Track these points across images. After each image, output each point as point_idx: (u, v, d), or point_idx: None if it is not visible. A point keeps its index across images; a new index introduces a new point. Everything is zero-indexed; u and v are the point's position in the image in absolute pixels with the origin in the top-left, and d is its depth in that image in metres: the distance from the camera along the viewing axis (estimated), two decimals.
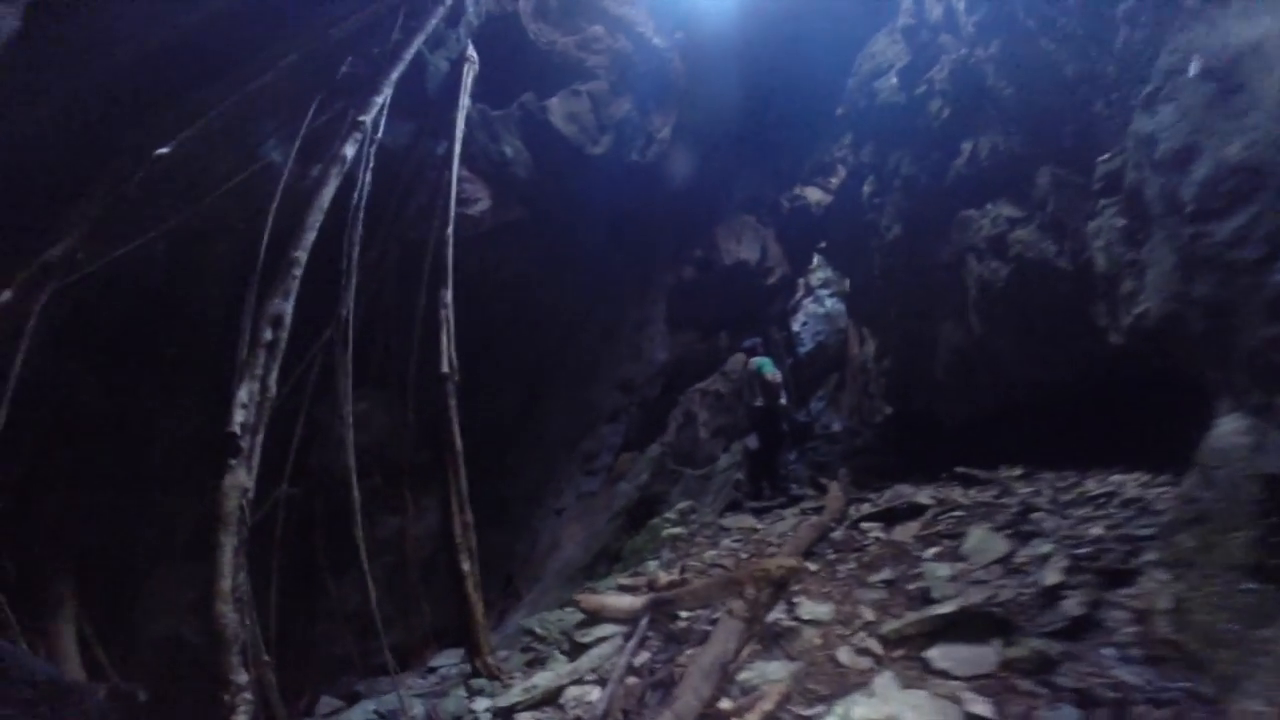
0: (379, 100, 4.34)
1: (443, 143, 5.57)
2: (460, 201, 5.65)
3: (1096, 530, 4.00)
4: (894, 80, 7.21)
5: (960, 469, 6.44)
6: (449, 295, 4.67)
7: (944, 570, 4.08)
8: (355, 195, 4.21)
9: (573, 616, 4.84)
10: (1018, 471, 6.08)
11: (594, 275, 7.81)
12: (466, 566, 4.24)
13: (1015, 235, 5.70)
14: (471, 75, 5.67)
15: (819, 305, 17.26)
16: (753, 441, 9.43)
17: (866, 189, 8.45)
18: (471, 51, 5.76)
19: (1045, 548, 3.93)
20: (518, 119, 6.41)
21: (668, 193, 8.66)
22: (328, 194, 3.93)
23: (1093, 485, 5.10)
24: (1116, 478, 5.03)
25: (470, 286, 6.18)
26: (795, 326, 16.73)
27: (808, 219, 13.53)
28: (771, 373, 8.47)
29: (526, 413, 7.59)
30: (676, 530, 6.77)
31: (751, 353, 8.96)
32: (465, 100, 5.47)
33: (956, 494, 5.90)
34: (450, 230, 4.87)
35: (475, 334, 6.42)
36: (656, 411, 11.54)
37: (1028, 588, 3.52)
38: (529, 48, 7.02)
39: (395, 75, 4.54)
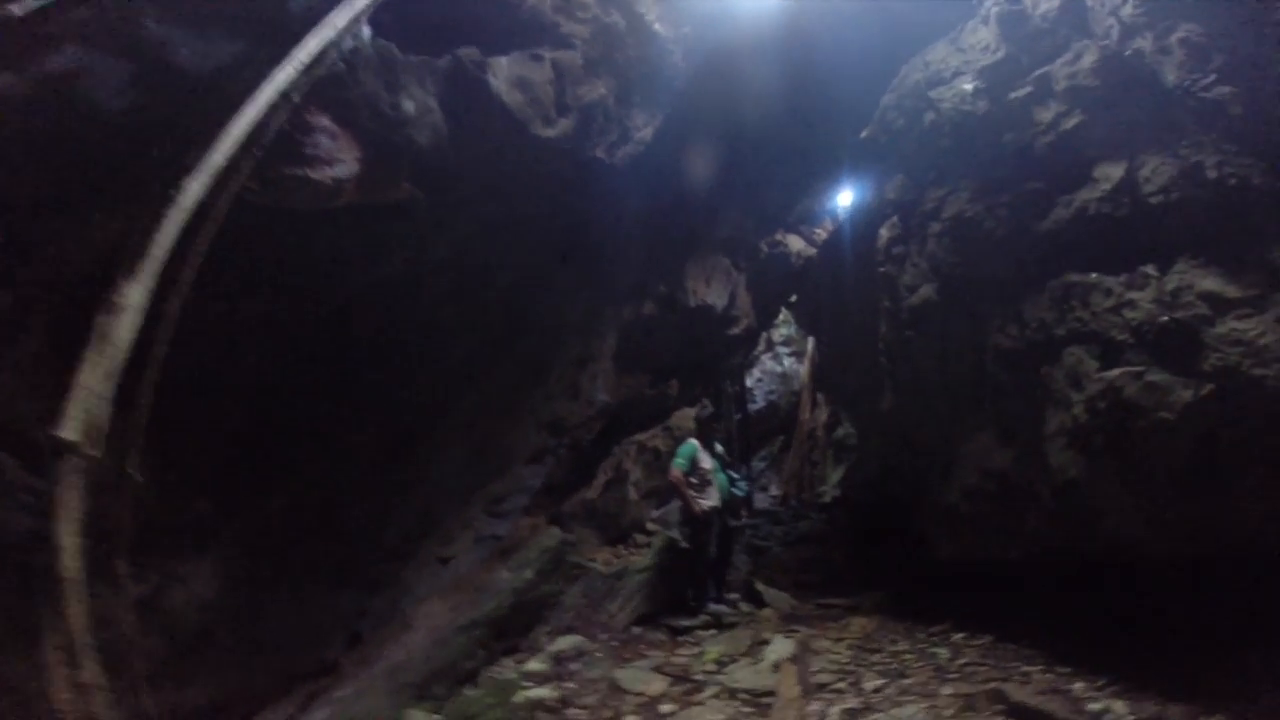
0: None
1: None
2: (301, 158, 3.50)
3: None
4: (968, 85, 4.94)
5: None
6: (134, 293, 2.41)
7: None
8: None
9: None
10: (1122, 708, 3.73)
11: (523, 294, 5.68)
12: None
13: (1224, 330, 3.30)
14: None
15: (777, 363, 15.54)
16: (681, 538, 7.34)
17: (884, 234, 6.12)
18: None
19: None
20: (443, 72, 4.27)
21: (636, 210, 6.61)
22: None
23: None
24: None
25: (308, 284, 4.03)
26: (749, 382, 14.89)
27: (784, 268, 11.69)
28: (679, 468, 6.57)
29: (398, 454, 5.39)
30: (541, 693, 4.57)
31: (699, 428, 7.11)
32: (340, 19, 3.36)
33: None
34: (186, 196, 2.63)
35: (315, 349, 4.25)
36: (590, 456, 9.48)
37: None
38: None
39: None
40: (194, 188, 2.66)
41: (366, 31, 3.94)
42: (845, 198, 10.74)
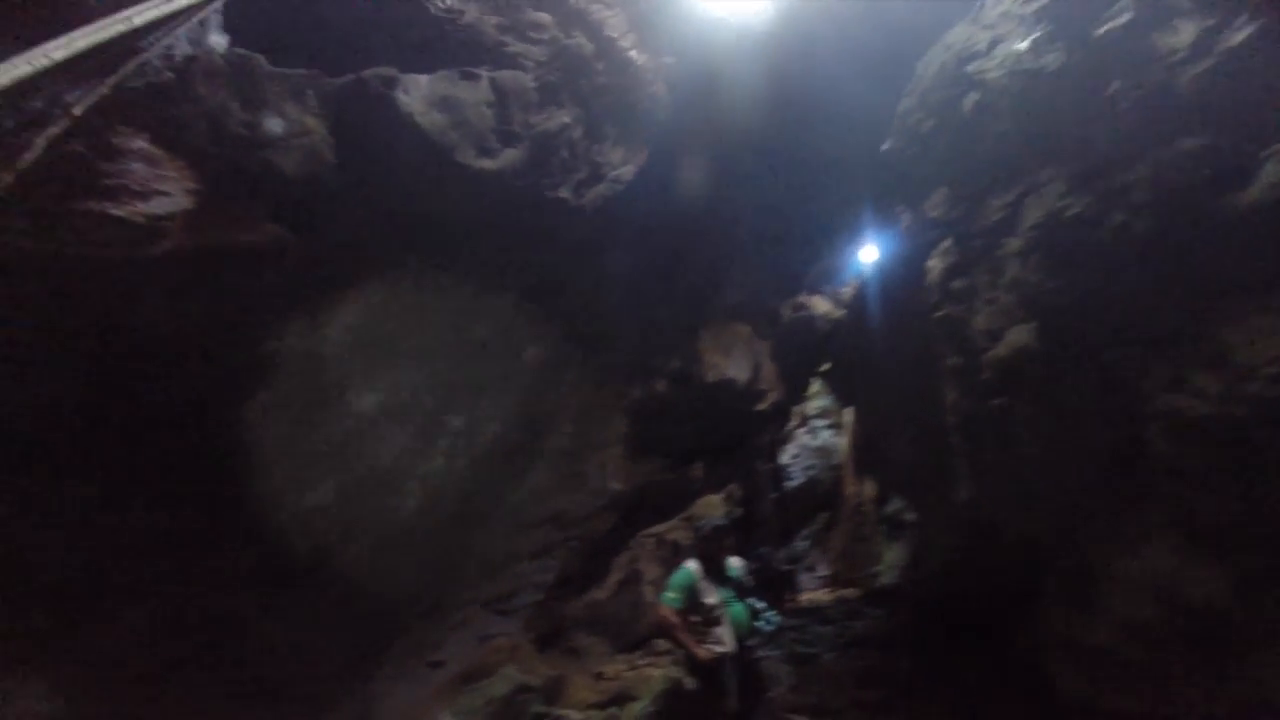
0: None
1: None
2: (101, 189, 2.37)
3: None
4: (1021, 44, 3.36)
5: None
6: None
7: None
8: None
9: None
10: None
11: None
12: None
13: None
14: None
15: (813, 437, 13.83)
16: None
17: (935, 265, 4.34)
18: None
19: None
20: (335, 89, 3.16)
21: (623, 268, 5.35)
22: None
23: None
24: None
25: (139, 372, 2.80)
26: (784, 459, 13.29)
27: (811, 334, 10.30)
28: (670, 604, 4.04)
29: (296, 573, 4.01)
30: None
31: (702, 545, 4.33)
32: (141, 18, 2.28)
33: None
34: None
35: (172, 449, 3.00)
36: (606, 547, 8.12)
37: None
38: (414, 6, 3.89)
39: None
40: None
41: (217, 39, 2.87)
42: (870, 252, 9.42)
